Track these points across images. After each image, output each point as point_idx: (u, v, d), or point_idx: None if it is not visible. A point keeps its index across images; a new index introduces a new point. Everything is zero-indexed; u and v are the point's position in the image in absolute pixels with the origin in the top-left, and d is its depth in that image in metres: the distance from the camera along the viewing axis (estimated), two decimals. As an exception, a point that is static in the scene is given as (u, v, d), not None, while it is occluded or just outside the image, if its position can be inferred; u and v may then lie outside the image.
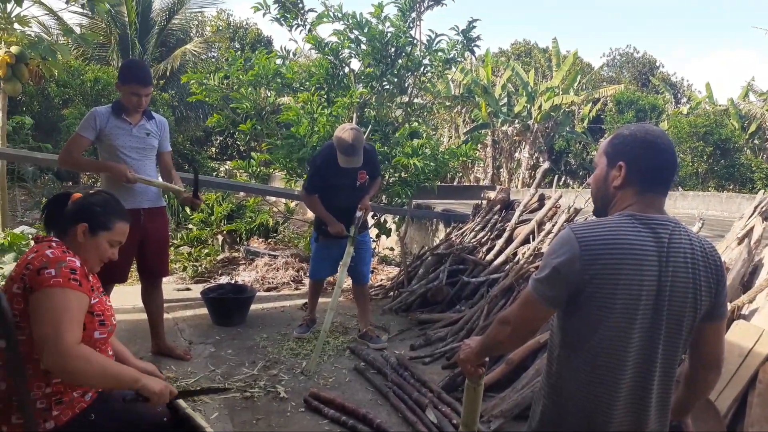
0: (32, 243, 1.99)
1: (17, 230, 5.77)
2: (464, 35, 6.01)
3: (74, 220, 1.97)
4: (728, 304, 3.13)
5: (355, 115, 6.14)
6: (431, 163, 5.95)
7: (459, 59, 6.39)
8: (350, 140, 3.88)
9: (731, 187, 16.10)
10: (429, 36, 6.13)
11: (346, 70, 6.42)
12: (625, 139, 1.53)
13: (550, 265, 1.46)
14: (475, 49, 6.18)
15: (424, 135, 6.47)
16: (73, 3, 5.04)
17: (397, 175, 6.30)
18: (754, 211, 3.88)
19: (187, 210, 8.73)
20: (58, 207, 2.05)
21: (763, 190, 4.76)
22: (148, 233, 3.60)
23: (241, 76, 6.05)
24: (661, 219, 1.47)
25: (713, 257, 1.50)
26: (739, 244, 3.69)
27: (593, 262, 1.41)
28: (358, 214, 4.10)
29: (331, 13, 5.93)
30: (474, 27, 5.99)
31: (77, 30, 15.18)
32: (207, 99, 6.21)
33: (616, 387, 1.46)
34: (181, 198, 3.82)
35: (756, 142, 17.56)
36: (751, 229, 3.73)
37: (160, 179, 3.77)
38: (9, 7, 5.70)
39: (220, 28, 23.64)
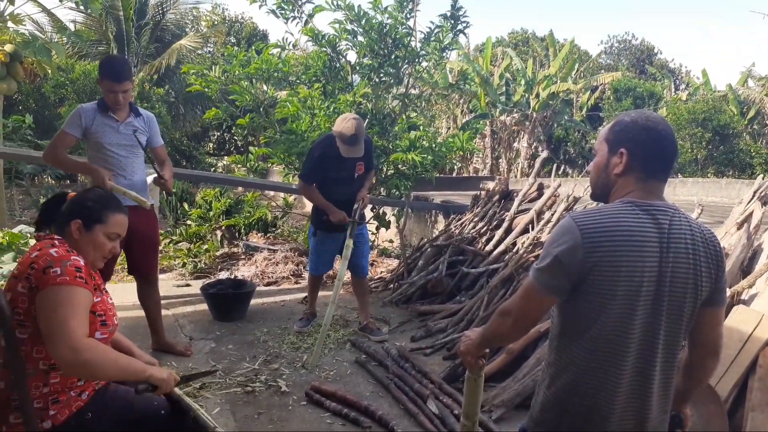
0: (32, 241, 1.99)
1: (15, 229, 5.76)
2: (452, 17, 5.98)
3: (69, 218, 1.98)
4: (728, 289, 3.15)
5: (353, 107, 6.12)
6: (429, 156, 5.93)
7: (452, 47, 6.34)
8: (353, 130, 3.87)
9: (730, 172, 16.08)
10: (429, 27, 6.10)
11: (343, 61, 6.39)
12: (627, 125, 1.52)
13: (551, 254, 1.45)
14: (466, 29, 6.11)
15: (421, 127, 6.43)
16: (66, 0, 4.99)
17: (394, 168, 6.28)
18: (753, 196, 3.87)
19: (186, 206, 8.73)
20: (55, 206, 2.05)
21: (762, 175, 4.75)
22: (134, 232, 3.57)
23: (238, 71, 6.03)
24: (661, 205, 1.46)
25: (713, 243, 1.50)
26: (738, 229, 3.68)
27: (595, 249, 1.40)
28: (356, 206, 4.08)
29: (333, 3, 5.89)
30: (460, 8, 5.95)
31: (71, 27, 15.15)
32: (206, 90, 6.18)
33: (618, 374, 1.45)
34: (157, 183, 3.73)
35: (755, 127, 17.54)
36: (750, 214, 3.72)
37: (150, 178, 3.75)
38: (2, 5, 5.66)
39: (216, 23, 23.54)
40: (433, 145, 6.14)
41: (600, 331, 1.44)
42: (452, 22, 6.00)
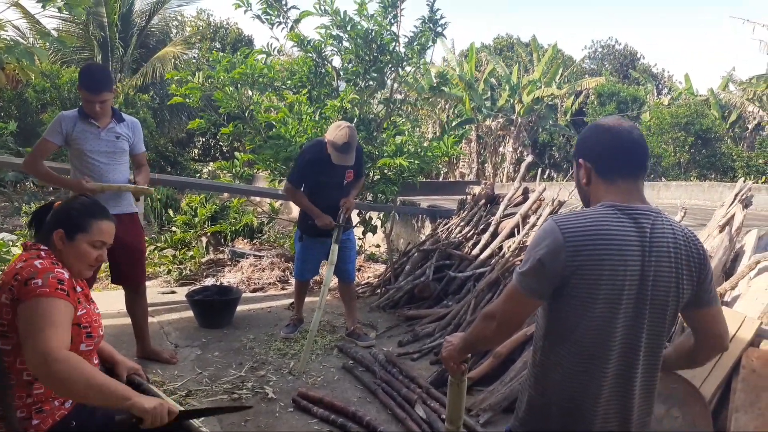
0: (14, 250, 1.96)
1: (-3, 237, 5.69)
2: (430, 21, 6.02)
3: (52, 228, 1.94)
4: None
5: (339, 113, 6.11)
6: (415, 161, 5.94)
7: (430, 45, 6.34)
8: (346, 138, 3.86)
9: (713, 176, 16.29)
10: (413, 32, 6.12)
11: (328, 67, 6.39)
12: (582, 137, 1.58)
13: (534, 257, 1.45)
14: (443, 31, 6.15)
15: (407, 132, 6.43)
16: (49, 6, 4.94)
17: (380, 172, 6.27)
18: (735, 198, 3.92)
19: (170, 212, 8.66)
20: (42, 218, 2.01)
21: (743, 179, 4.82)
22: (120, 241, 3.53)
23: (222, 75, 5.99)
24: (643, 209, 1.48)
25: (696, 246, 1.51)
26: (720, 231, 3.73)
27: (577, 252, 1.41)
28: (341, 211, 4.08)
29: (320, 8, 5.89)
30: (437, 10, 6.00)
31: (54, 34, 15.02)
32: (187, 101, 6.12)
33: (601, 377, 1.46)
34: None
35: (736, 131, 17.79)
36: (732, 216, 3.77)
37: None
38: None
39: (201, 28, 23.45)
40: (419, 150, 6.14)
41: (583, 335, 1.45)
42: (431, 25, 6.04)
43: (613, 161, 1.50)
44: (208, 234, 7.67)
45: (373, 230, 6.59)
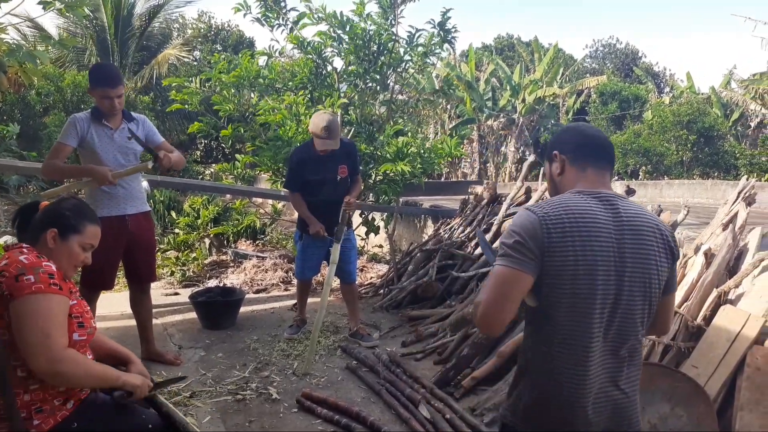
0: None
1: (0, 240, 5.70)
2: (440, 27, 6.00)
3: (44, 226, 1.94)
4: (715, 289, 3.18)
5: (339, 114, 6.11)
6: (417, 163, 5.93)
7: (437, 51, 6.35)
8: (325, 122, 3.92)
9: (716, 174, 16.25)
10: (409, 32, 6.11)
11: (329, 68, 6.38)
12: (552, 137, 1.73)
13: (512, 236, 1.49)
14: (454, 41, 6.15)
15: (409, 133, 6.42)
16: (50, 9, 4.95)
17: (382, 175, 6.27)
18: (738, 196, 3.90)
19: (173, 214, 8.67)
20: (28, 216, 2.02)
21: (746, 176, 4.80)
22: (135, 238, 3.57)
23: (223, 78, 6.00)
24: (610, 193, 1.56)
25: (664, 227, 1.57)
26: (723, 229, 3.71)
27: (551, 230, 1.46)
28: (342, 209, 4.08)
29: (314, 16, 5.89)
30: (449, 18, 5.98)
31: (54, 35, 15.05)
32: (186, 107, 6.12)
33: (585, 357, 1.48)
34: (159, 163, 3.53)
35: (739, 129, 17.76)
36: (735, 214, 3.75)
37: (145, 183, 3.72)
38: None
39: (202, 30, 23.49)
40: (422, 152, 6.14)
41: (562, 314, 1.48)
42: (442, 32, 6.02)
43: (585, 151, 1.62)
44: (211, 235, 7.68)
45: (376, 231, 6.58)
